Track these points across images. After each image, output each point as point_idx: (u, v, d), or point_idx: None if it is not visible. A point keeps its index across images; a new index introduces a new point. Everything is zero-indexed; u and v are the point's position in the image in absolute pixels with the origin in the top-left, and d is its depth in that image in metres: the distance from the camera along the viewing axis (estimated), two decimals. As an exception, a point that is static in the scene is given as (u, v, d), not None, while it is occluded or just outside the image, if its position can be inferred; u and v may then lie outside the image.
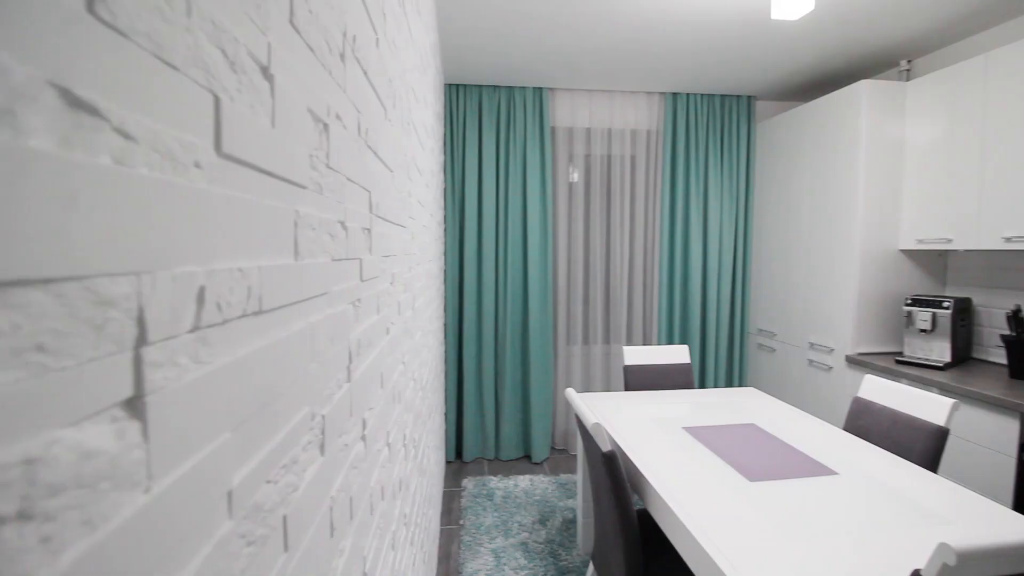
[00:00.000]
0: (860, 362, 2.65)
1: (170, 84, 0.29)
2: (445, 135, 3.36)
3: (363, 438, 0.76)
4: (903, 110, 2.71)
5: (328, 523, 0.57)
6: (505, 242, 3.45)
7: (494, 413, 3.50)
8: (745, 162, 3.62)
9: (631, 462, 1.67)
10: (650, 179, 3.61)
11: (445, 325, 3.41)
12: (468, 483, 3.12)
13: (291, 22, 0.47)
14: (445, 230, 3.41)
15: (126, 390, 0.25)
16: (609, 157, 3.60)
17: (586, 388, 3.68)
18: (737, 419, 2.05)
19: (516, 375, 3.52)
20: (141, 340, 0.26)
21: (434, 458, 2.30)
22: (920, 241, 2.61)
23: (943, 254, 2.80)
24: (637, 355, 2.68)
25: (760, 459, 1.65)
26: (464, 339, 3.43)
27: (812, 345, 3.02)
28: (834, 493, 1.42)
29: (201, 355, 0.31)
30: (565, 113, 3.52)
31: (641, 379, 2.65)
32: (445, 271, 3.40)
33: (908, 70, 2.92)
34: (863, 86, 2.68)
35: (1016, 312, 2.20)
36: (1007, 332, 2.43)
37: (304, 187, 0.50)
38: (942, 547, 0.86)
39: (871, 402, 2.01)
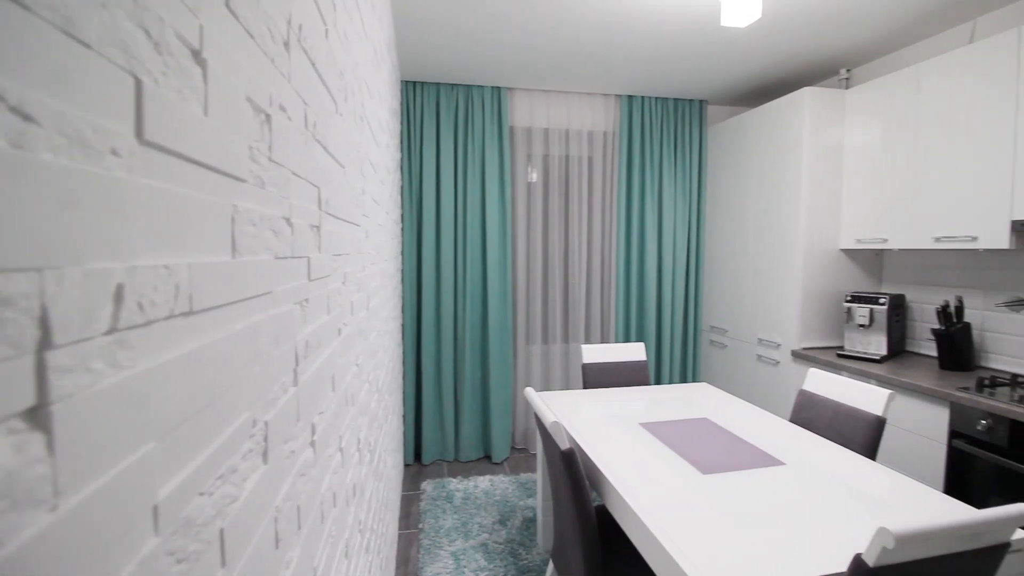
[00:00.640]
0: (805, 356, 2.77)
1: (82, 64, 0.26)
2: (402, 132, 3.30)
3: (312, 444, 0.74)
4: (843, 116, 2.85)
5: (272, 534, 0.54)
6: (464, 241, 3.43)
7: (453, 414, 3.46)
8: (697, 164, 3.73)
9: (589, 459, 1.68)
10: (607, 180, 3.66)
11: (403, 326, 3.35)
12: (427, 485, 3.08)
13: (227, 5, 0.44)
14: (403, 229, 3.35)
15: (27, 399, 0.22)
16: (567, 158, 3.62)
17: (545, 387, 3.69)
18: (691, 414, 2.10)
19: (476, 375, 3.50)
20: (45, 343, 0.23)
21: (391, 461, 2.25)
22: (859, 241, 2.75)
23: (879, 253, 2.96)
24: (595, 353, 2.71)
25: (713, 452, 1.69)
26: (423, 340, 3.39)
27: (760, 341, 3.14)
28: (782, 483, 1.48)
29: (120, 359, 0.28)
30: (523, 113, 3.53)
31: (599, 377, 2.68)
32: (403, 271, 3.35)
33: (848, 78, 3.07)
34: (806, 93, 2.80)
35: (945, 307, 2.35)
36: (937, 326, 2.59)
37: (243, 180, 0.48)
38: (881, 531, 0.90)
39: (815, 394, 2.10)
